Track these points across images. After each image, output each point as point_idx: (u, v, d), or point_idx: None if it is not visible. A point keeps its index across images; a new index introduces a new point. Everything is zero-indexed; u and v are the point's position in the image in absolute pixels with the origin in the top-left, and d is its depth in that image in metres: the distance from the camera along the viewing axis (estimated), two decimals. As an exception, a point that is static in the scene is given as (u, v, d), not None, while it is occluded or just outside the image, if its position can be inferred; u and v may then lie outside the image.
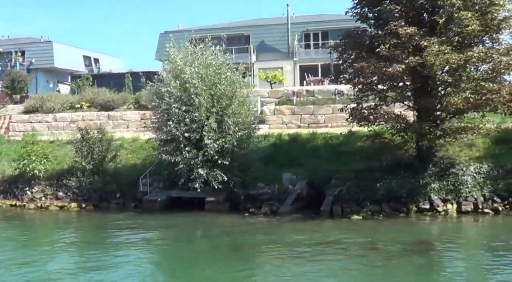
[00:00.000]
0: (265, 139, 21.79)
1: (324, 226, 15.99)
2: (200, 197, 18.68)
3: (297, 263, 12.13)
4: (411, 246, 13.32)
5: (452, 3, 15.99)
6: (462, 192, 17.22)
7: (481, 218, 16.43)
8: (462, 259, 12.70)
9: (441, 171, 17.90)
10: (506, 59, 16.28)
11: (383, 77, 16.60)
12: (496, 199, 17.00)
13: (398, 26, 16.19)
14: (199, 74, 18.43)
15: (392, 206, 17.24)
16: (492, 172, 17.75)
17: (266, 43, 37.81)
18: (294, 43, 36.21)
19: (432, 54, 15.40)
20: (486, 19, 16.16)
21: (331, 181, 18.48)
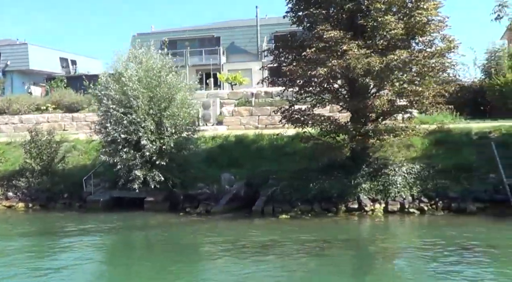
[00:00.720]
0: (212, 140, 22.34)
1: (247, 225, 16.51)
2: (141, 197, 19.26)
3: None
4: (316, 244, 13.85)
5: (377, 7, 16.47)
6: (391, 192, 17.70)
7: (406, 218, 16.87)
8: (356, 256, 13.10)
9: (374, 172, 18.40)
10: (432, 61, 16.73)
11: (309, 80, 17.09)
12: (424, 199, 17.46)
13: (324, 30, 16.69)
14: (138, 77, 18.99)
15: (323, 206, 17.74)
16: (423, 172, 18.22)
17: (236, 45, 38.40)
18: (263, 44, 36.76)
19: (354, 58, 15.88)
20: (410, 22, 16.64)
21: (268, 181, 19.01)
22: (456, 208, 17.04)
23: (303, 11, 18.04)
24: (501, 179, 17.55)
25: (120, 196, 19.76)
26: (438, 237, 14.23)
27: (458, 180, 17.92)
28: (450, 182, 17.78)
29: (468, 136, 20.52)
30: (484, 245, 13.30)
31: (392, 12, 16.75)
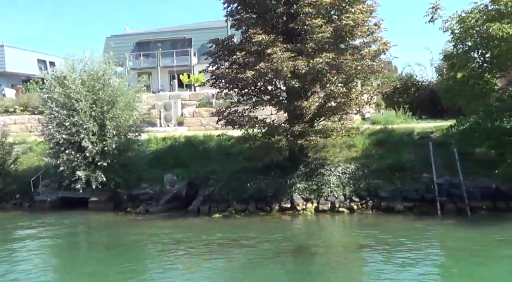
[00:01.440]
0: (163, 141, 22.94)
1: (173, 223, 17.14)
2: (86, 197, 19.90)
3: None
4: (236, 242, 14.45)
5: (306, 11, 17.01)
6: (324, 191, 18.24)
7: (336, 216, 17.43)
8: (249, 254, 13.44)
9: (310, 172, 18.95)
10: (361, 63, 17.23)
11: (244, 82, 17.64)
12: (355, 198, 18.01)
13: (255, 33, 17.25)
14: (82, 80, 19.62)
15: (258, 205, 18.31)
16: (357, 172, 18.75)
17: (207, 46, 38.83)
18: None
19: (280, 61, 16.43)
20: (338, 26, 17.16)
21: (209, 181, 19.58)
22: (385, 207, 17.58)
23: (238, 15, 18.57)
24: (433, 178, 18.10)
25: (66, 196, 20.38)
26: (346, 235, 14.90)
27: (391, 179, 18.44)
28: (382, 182, 18.29)
29: (410, 137, 21.07)
30: (382, 242, 13.95)
31: (321, 16, 17.27)
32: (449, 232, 14.94)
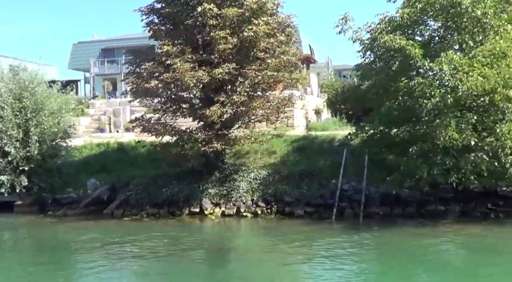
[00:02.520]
0: (98, 147, 23.94)
1: (87, 225, 18.18)
2: (13, 200, 20.96)
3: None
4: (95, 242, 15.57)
5: (211, 23, 17.93)
6: (233, 196, 19.13)
7: (242, 220, 18.34)
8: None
9: (224, 177, 19.86)
10: (261, 74, 18.09)
11: (144, 91, 18.60)
12: (261, 203, 18.90)
13: (163, 44, 18.23)
14: (10, 89, 20.69)
15: (169, 210, 19.25)
16: (268, 178, 19.63)
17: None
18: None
19: (182, 72, 17.36)
20: (241, 37, 18.06)
21: (129, 185, 20.54)
22: (288, 212, 18.45)
23: (155, 27, 19.52)
24: (340, 184, 18.93)
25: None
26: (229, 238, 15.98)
27: (299, 185, 19.29)
28: (291, 187, 19.14)
29: (330, 144, 21.89)
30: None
31: (226, 28, 18.16)
32: (325, 236, 15.63)
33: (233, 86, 18.81)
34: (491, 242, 14.47)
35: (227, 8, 18.10)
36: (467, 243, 14.67)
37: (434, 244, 14.30)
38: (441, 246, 14.30)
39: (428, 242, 14.40)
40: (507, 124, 15.45)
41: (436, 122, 15.59)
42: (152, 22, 19.76)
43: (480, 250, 13.80)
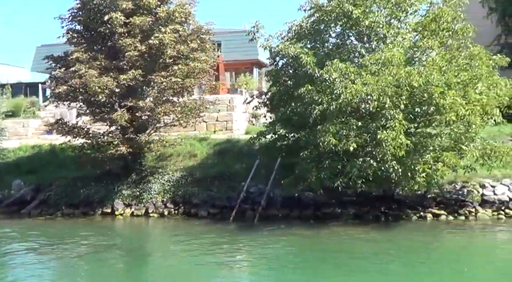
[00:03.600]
0: (32, 148, 24.91)
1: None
2: None
3: None
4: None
5: (119, 31, 18.86)
6: (144, 198, 20.06)
7: (145, 221, 19.35)
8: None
9: (140, 179, 20.82)
10: (166, 80, 19.00)
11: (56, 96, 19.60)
12: (169, 204, 19.84)
13: (76, 51, 19.18)
14: None
15: (84, 210, 20.22)
16: (180, 180, 20.54)
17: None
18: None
19: (90, 77, 18.29)
20: (149, 45, 18.97)
21: (52, 186, 21.50)
22: (194, 213, 19.36)
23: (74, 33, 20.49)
24: (248, 186, 19.78)
25: None
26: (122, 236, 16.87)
27: (209, 187, 20.18)
28: (201, 189, 20.05)
29: (250, 147, 22.63)
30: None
31: (135, 35, 19.08)
32: (210, 234, 16.69)
33: (142, 92, 19.70)
34: (343, 242, 15.45)
35: (136, 17, 19.04)
36: (319, 243, 15.57)
37: (289, 243, 15.53)
38: (292, 245, 15.38)
39: (288, 242, 15.58)
40: (387, 131, 16.17)
41: (318, 128, 16.41)
42: (72, 29, 20.74)
43: (323, 249, 14.83)
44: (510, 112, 18.93)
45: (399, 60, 16.72)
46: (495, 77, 18.38)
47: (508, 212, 17.67)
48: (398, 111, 16.38)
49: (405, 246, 14.74)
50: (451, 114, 16.13)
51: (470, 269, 12.46)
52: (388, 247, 14.64)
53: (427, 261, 13.17)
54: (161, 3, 19.79)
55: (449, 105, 16.21)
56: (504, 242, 15.69)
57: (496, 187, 18.47)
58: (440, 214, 17.80)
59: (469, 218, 17.58)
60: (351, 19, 17.50)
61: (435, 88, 16.28)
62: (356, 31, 17.97)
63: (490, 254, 14.37)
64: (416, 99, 16.97)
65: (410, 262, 13.14)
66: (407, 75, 16.10)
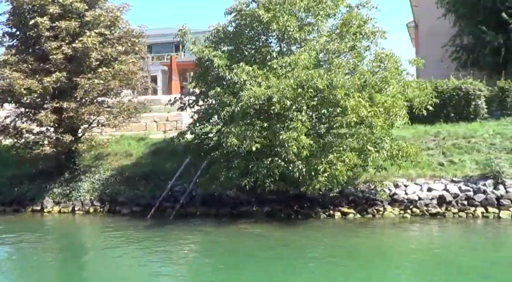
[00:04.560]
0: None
1: None
2: None
3: None
4: None
5: (45, 35, 19.76)
6: (73, 196, 20.96)
7: (73, 218, 20.33)
8: None
9: (72, 178, 21.74)
10: (89, 82, 19.88)
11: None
12: (96, 202, 20.74)
13: (8, 54, 20.15)
14: None
15: (15, 207, 21.26)
16: (110, 179, 21.44)
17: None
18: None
19: (13, 80, 19.21)
20: (74, 48, 19.86)
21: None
22: (118, 211, 20.27)
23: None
24: (174, 185, 20.63)
25: None
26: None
27: (137, 186, 21.05)
28: (128, 188, 20.98)
29: (185, 147, 23.48)
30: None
31: (64, 39, 19.98)
32: (123, 230, 17.70)
33: (71, 94, 20.57)
34: (238, 239, 16.31)
35: (62, 21, 19.93)
36: (215, 240, 16.43)
37: (187, 240, 16.47)
38: (190, 242, 16.32)
39: (187, 238, 16.53)
40: (289, 132, 16.88)
41: (222, 129, 17.22)
42: (8, 33, 21.68)
43: (214, 246, 15.78)
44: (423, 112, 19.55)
45: (307, 63, 17.47)
46: (407, 79, 19.15)
47: (414, 211, 18.34)
48: (302, 113, 17.20)
49: (295, 243, 15.47)
50: (352, 116, 16.90)
51: (340, 264, 13.21)
52: (278, 243, 15.42)
53: (305, 257, 13.94)
54: (90, 8, 20.65)
55: (351, 107, 16.98)
56: (391, 240, 16.17)
57: (409, 186, 19.13)
58: (348, 212, 18.53)
59: (376, 216, 18.29)
60: (262, 23, 18.24)
61: (339, 90, 17.07)
62: (268, 35, 18.70)
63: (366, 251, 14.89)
64: (324, 101, 17.77)
65: (287, 258, 13.87)
66: (309, 77, 16.84)
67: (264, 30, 18.59)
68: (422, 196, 18.65)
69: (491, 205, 17.99)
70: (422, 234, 16.92)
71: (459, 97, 23.92)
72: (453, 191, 18.58)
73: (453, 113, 23.74)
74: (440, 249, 14.66)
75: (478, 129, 21.54)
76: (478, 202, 18.13)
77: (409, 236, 16.70)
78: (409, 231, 17.14)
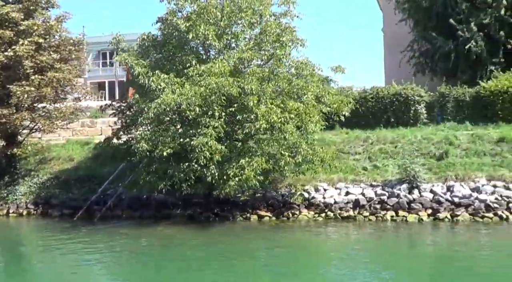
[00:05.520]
0: None
1: None
2: None
3: None
4: None
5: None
6: (9, 199, 21.99)
7: (10, 221, 21.27)
8: None
9: (11, 181, 22.74)
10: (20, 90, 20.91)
11: None
12: (31, 205, 21.75)
13: None
14: None
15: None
16: (46, 182, 22.44)
17: None
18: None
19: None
20: (5, 56, 20.93)
21: None
22: (50, 213, 21.25)
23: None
24: (106, 188, 21.59)
25: None
26: None
27: (71, 189, 22.05)
28: (62, 191, 21.98)
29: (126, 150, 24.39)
30: None
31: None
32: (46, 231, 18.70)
33: (5, 101, 21.58)
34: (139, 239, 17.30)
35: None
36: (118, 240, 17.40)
37: (96, 240, 17.39)
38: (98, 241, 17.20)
39: (96, 240, 17.35)
40: (201, 137, 17.68)
41: (134, 134, 18.14)
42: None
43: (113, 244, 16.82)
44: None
45: (223, 71, 18.30)
46: (325, 86, 19.96)
47: (329, 214, 19.12)
48: (216, 119, 18.04)
49: (190, 243, 16.44)
50: (262, 121, 17.72)
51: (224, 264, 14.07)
52: (176, 243, 16.44)
53: (192, 256, 14.83)
54: (26, 17, 21.66)
55: (261, 114, 17.80)
56: (277, 241, 16.74)
57: (328, 190, 19.90)
58: (265, 215, 19.37)
59: (290, 219, 19.09)
60: (180, 32, 19.12)
61: (250, 98, 17.91)
62: (188, 44, 19.56)
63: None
64: (240, 107, 18.61)
65: (169, 258, 14.83)
66: (219, 85, 17.67)
67: (183, 39, 19.43)
68: (338, 200, 19.42)
69: (402, 209, 18.73)
70: (318, 235, 17.70)
71: (399, 102, 24.67)
72: (368, 195, 19.34)
73: (393, 118, 24.55)
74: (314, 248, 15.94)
75: (406, 135, 22.20)
76: (390, 206, 18.89)
77: (297, 238, 17.34)
78: (306, 232, 17.96)
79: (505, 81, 23.72)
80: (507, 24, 26.77)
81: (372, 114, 24.75)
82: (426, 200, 18.73)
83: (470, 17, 27.40)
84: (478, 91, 24.32)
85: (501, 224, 17.57)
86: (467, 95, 24.51)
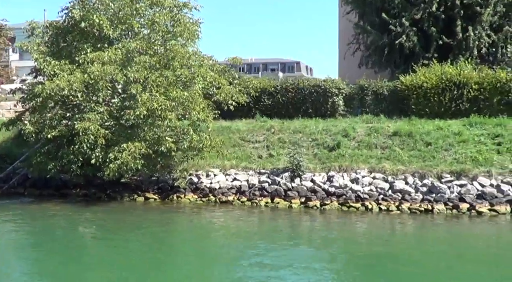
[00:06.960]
0: None
1: None
2: None
3: None
4: None
5: None
6: None
7: None
8: None
9: None
10: None
11: None
12: None
13: None
14: None
15: None
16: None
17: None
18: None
19: None
20: None
21: None
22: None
23: None
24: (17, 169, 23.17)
25: None
26: None
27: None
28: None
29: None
30: None
31: None
32: None
33: None
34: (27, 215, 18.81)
35: None
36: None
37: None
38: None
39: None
40: (84, 122, 19.06)
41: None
42: None
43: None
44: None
45: (112, 60, 19.63)
46: (218, 77, 21.23)
47: (211, 198, 20.47)
48: (99, 104, 19.45)
49: (73, 219, 18.07)
50: (142, 108, 19.04)
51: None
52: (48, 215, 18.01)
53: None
54: None
55: (142, 101, 19.11)
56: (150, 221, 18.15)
57: (217, 176, 21.18)
58: (152, 197, 20.81)
59: (174, 202, 20.47)
60: (74, 20, 20.48)
61: (134, 86, 19.25)
62: (84, 33, 20.85)
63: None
64: (128, 95, 19.97)
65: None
66: (102, 73, 19.01)
67: (79, 29, 20.74)
68: (223, 185, 20.74)
69: (279, 196, 19.97)
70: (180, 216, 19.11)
71: (318, 94, 25.73)
72: (252, 181, 20.58)
73: (311, 109, 25.64)
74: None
75: (309, 126, 23.25)
76: (268, 193, 20.14)
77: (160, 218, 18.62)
78: (173, 213, 19.32)
79: (422, 76, 24.50)
80: (441, 20, 27.57)
81: (291, 104, 25.91)
82: (303, 188, 19.93)
83: (404, 12, 28.30)
84: (395, 85, 25.23)
85: (365, 214, 18.70)
86: (385, 89, 25.40)
